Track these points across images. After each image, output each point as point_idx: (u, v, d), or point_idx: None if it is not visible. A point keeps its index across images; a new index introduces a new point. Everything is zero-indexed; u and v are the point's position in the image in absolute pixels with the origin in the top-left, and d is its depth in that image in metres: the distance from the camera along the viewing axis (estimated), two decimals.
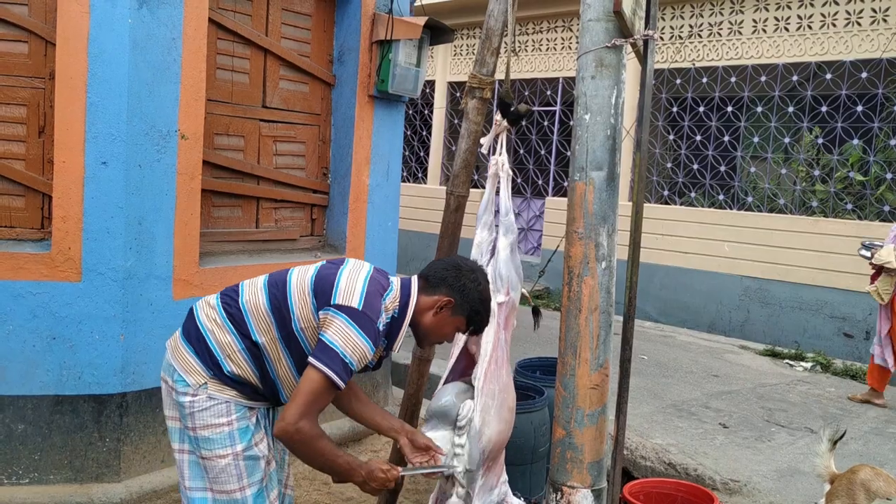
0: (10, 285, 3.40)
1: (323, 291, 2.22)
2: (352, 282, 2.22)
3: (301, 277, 2.29)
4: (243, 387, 2.30)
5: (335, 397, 2.57)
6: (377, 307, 2.21)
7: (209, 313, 2.33)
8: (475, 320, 2.39)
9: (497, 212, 2.86)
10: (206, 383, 2.26)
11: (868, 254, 5.72)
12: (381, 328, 2.21)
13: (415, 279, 2.38)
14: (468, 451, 2.58)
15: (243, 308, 2.29)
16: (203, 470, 2.30)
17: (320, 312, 2.19)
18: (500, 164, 2.86)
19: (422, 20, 4.43)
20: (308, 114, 4.56)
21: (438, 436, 2.71)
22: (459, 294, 2.33)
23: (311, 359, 2.15)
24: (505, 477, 2.81)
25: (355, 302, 2.17)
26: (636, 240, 2.54)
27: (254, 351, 2.27)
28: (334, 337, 2.13)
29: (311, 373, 2.13)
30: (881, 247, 5.63)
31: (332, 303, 2.18)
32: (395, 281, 2.35)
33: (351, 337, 2.13)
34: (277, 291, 2.28)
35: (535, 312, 3.66)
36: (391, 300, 2.28)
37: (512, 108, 2.81)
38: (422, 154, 11.70)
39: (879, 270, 5.63)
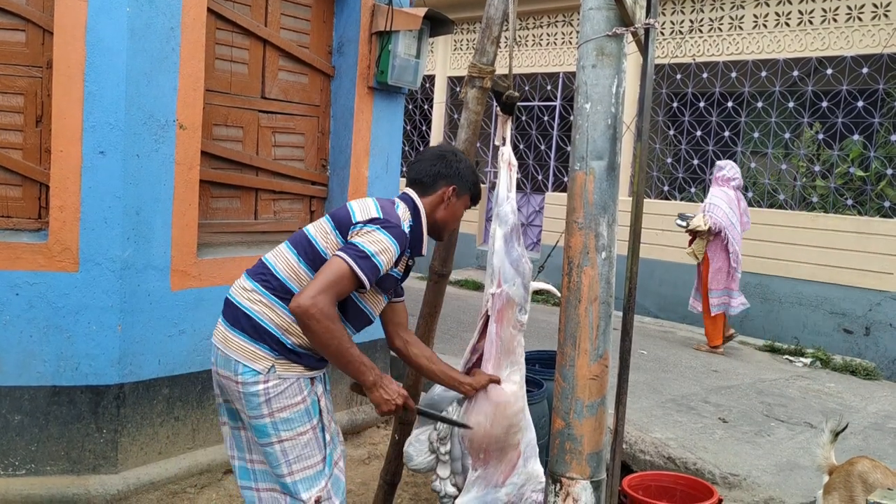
0: (7, 275, 3.38)
1: (341, 221, 2.37)
2: (364, 203, 2.41)
3: (317, 225, 2.44)
4: (308, 357, 2.36)
5: (407, 360, 2.69)
6: (395, 215, 2.37)
7: (250, 296, 2.35)
8: (474, 192, 2.66)
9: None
10: (273, 365, 2.29)
11: (684, 223, 6.75)
12: (406, 231, 2.36)
13: (410, 191, 2.54)
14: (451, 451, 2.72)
15: (280, 277, 2.35)
16: (282, 454, 2.32)
17: (347, 234, 2.32)
18: (502, 154, 2.85)
19: (422, 11, 4.42)
20: (307, 105, 4.54)
21: (424, 430, 2.84)
22: (458, 178, 2.56)
23: (336, 252, 2.25)
24: (527, 482, 2.77)
25: (374, 213, 2.33)
26: (636, 229, 2.52)
27: None
28: (361, 239, 2.26)
29: (333, 259, 2.23)
30: (693, 217, 6.69)
31: (353, 222, 2.32)
32: (396, 199, 2.52)
33: (378, 239, 2.27)
34: (303, 247, 2.38)
35: None
36: (402, 212, 2.44)
37: (503, 96, 2.80)
38: (422, 149, 11.67)
39: (695, 236, 6.72)
